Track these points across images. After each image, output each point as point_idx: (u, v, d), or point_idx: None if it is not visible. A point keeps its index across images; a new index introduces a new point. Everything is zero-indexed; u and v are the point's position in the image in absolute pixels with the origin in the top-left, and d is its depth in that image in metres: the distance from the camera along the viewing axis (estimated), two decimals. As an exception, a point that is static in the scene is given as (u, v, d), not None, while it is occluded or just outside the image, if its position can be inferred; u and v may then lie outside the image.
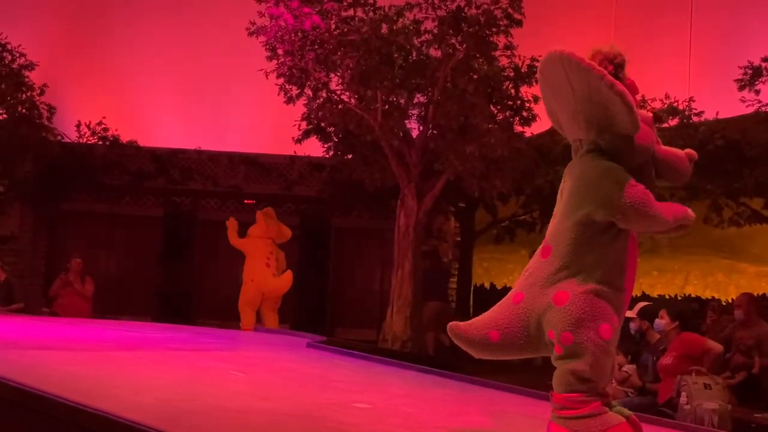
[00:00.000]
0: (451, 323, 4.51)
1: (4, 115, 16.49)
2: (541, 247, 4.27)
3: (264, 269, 12.66)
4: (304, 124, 15.07)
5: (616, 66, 4.16)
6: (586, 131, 4.12)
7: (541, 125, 14.59)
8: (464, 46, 13.02)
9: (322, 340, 8.77)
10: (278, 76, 13.09)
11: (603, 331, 3.97)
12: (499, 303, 4.40)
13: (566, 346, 4.00)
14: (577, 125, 4.15)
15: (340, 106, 13.48)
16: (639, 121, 3.98)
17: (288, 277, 12.80)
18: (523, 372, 13.16)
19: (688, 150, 4.30)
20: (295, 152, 16.81)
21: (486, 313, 4.45)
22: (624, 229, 4.07)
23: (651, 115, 4.31)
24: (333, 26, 12.76)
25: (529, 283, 4.21)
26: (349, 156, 15.96)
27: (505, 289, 16.46)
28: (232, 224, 13.06)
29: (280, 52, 12.85)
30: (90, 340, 8.09)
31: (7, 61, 16.48)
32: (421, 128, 13.88)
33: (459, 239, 17.75)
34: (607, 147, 4.08)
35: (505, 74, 13.53)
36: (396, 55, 12.84)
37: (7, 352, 6.26)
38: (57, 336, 8.43)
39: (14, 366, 5.24)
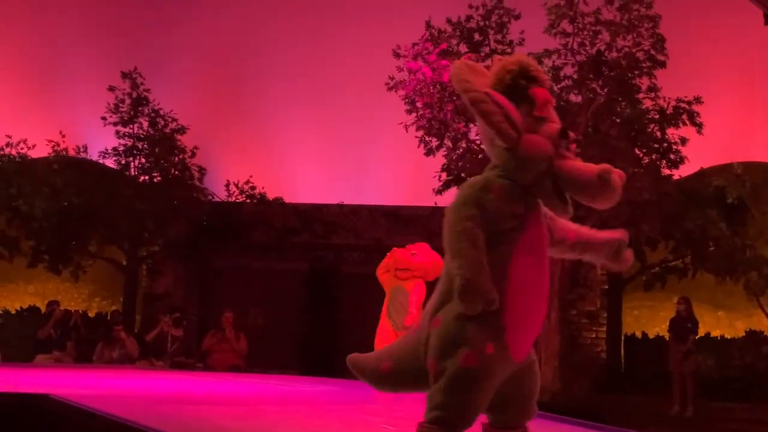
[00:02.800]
0: (351, 355, 4.20)
1: (158, 178, 17.27)
2: None
3: None
4: (444, 175, 15.10)
5: (518, 75, 3.84)
6: (485, 144, 3.94)
7: (690, 167, 14.14)
8: (606, 90, 12.84)
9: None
10: (418, 129, 13.23)
11: (463, 358, 3.58)
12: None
13: (432, 375, 3.68)
14: (482, 139, 4.00)
15: (480, 156, 13.46)
16: (509, 133, 3.67)
17: None
18: (679, 423, 12.63)
19: (601, 165, 3.89)
20: (435, 203, 16.82)
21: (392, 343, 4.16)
22: (502, 249, 3.72)
23: (556, 127, 3.86)
24: (471, 77, 12.80)
25: (425, 310, 3.92)
26: (491, 205, 15.83)
27: (658, 338, 15.91)
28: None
29: (419, 105, 12.99)
30: (242, 394, 8.24)
31: (160, 126, 17.32)
32: (563, 175, 13.67)
33: (606, 287, 17.27)
34: (499, 161, 3.82)
35: (650, 116, 13.22)
36: (535, 103, 12.74)
37: (164, 407, 6.44)
38: (211, 390, 8.63)
39: (172, 421, 5.37)
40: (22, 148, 17.14)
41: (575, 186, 3.79)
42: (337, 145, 19.94)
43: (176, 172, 17.42)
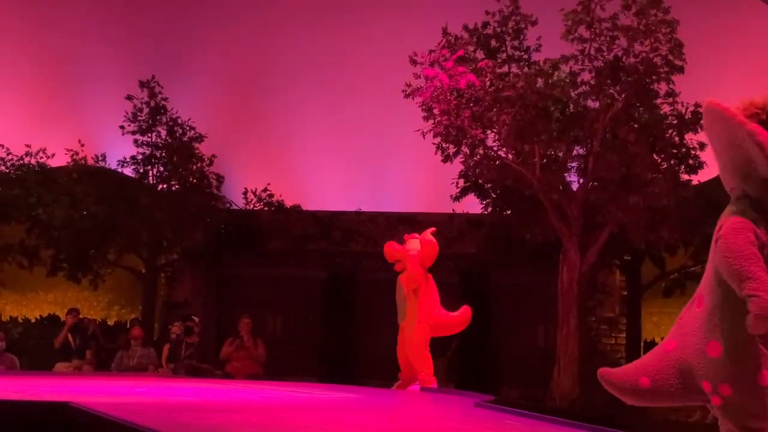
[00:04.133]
0: (601, 369, 4.48)
1: (177, 186, 17.33)
2: (694, 296, 4.25)
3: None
4: (461, 182, 15.11)
5: None
6: (734, 178, 4.15)
7: (709, 172, 14.05)
8: (623, 95, 12.79)
9: (491, 400, 8.58)
10: (435, 136, 13.21)
11: (761, 378, 3.89)
12: (651, 351, 4.41)
13: (726, 397, 3.96)
14: (728, 173, 4.20)
15: (497, 162, 13.45)
16: None
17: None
18: (701, 430, 12.52)
19: None
20: (453, 210, 16.82)
21: (637, 360, 4.45)
22: None
23: None
24: (488, 83, 12.80)
25: (681, 333, 4.21)
26: (508, 212, 15.85)
27: (678, 345, 15.80)
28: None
29: (436, 111, 12.97)
30: (262, 402, 8.24)
31: (178, 135, 17.39)
32: (581, 180, 13.65)
33: (625, 293, 17.20)
34: (754, 193, 4.06)
35: (668, 122, 13.16)
36: (553, 109, 12.75)
37: (184, 414, 6.45)
38: (231, 398, 8.63)
39: (192, 429, 5.37)
40: (41, 158, 17.28)
41: None
42: (355, 152, 19.97)
43: (194, 181, 17.48)
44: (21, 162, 17.15)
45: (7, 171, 17.05)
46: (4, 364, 12.58)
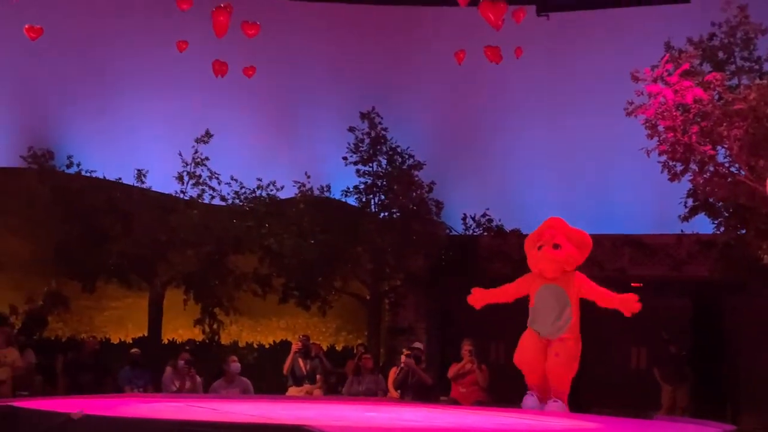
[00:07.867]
0: None
1: (398, 214, 17.70)
2: None
3: None
4: (690, 201, 14.48)
5: None
6: None
7: None
8: None
9: (733, 430, 8.10)
10: (660, 154, 12.73)
11: None
12: None
13: None
14: None
15: (729, 180, 12.77)
16: None
17: None
18: None
19: None
20: (681, 231, 16.10)
21: None
22: None
23: None
24: (716, 97, 12.20)
25: None
26: (743, 231, 14.96)
27: None
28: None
29: (661, 128, 12.51)
30: (494, 429, 8.19)
31: (398, 163, 17.78)
32: (828, 195, 12.69)
33: None
34: None
35: None
36: (789, 121, 11.96)
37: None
38: (460, 424, 8.63)
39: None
40: (271, 190, 18.16)
41: None
42: (575, 173, 19.61)
43: (414, 208, 17.77)
44: (253, 195, 18.08)
45: (241, 204, 18.03)
46: (239, 387, 13.19)
